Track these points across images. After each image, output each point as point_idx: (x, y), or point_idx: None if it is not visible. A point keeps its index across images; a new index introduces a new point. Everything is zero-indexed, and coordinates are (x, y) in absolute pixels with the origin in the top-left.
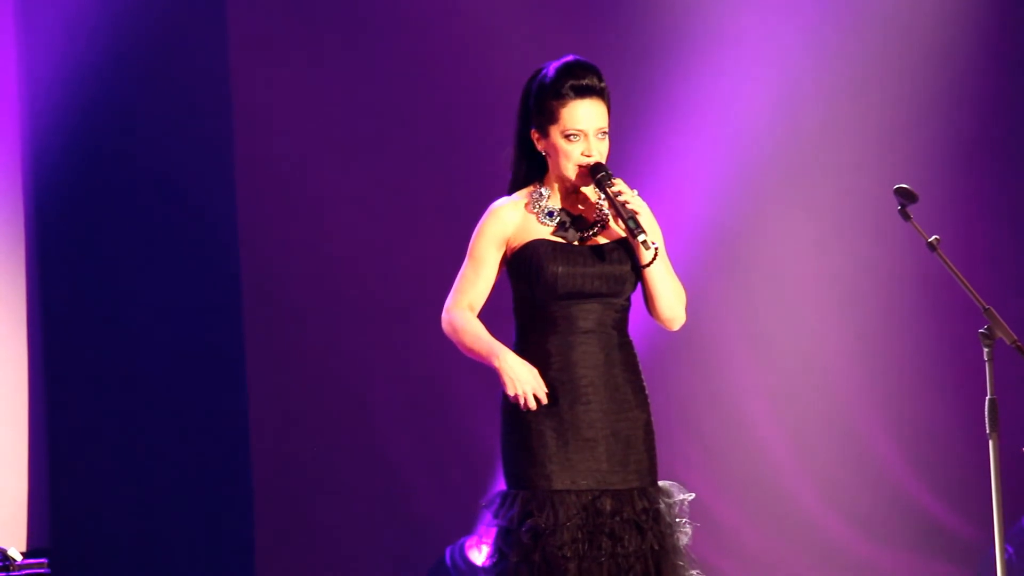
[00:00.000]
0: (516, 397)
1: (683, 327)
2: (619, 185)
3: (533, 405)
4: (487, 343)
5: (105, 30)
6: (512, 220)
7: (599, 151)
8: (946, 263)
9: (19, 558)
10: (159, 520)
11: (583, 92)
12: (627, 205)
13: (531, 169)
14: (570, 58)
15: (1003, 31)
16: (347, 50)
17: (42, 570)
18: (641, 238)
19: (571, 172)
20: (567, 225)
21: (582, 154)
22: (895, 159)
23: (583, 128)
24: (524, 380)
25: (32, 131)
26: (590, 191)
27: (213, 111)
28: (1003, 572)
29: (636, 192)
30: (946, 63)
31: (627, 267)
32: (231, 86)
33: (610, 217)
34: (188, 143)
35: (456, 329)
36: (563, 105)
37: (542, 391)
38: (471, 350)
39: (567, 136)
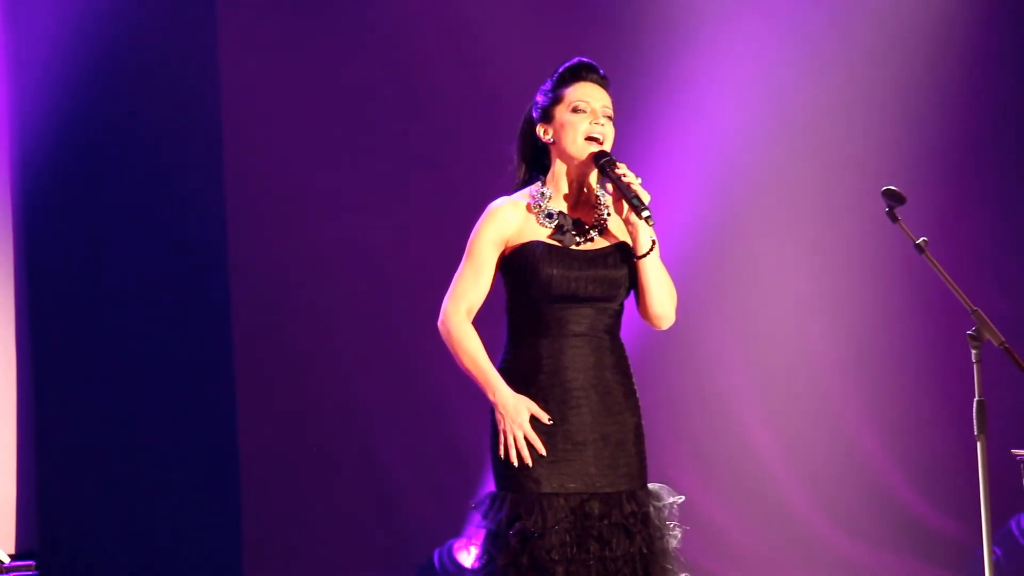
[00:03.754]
0: (505, 439)
1: (673, 327)
2: (623, 169)
3: (515, 460)
4: (484, 373)
5: (93, 29)
6: (512, 220)
7: (604, 133)
8: (934, 265)
9: (7, 560)
10: (147, 522)
11: (589, 77)
12: (631, 186)
13: (534, 169)
14: (576, 59)
15: (990, 32)
16: (338, 49)
17: (30, 572)
18: (645, 214)
19: (579, 147)
20: (565, 228)
21: (591, 123)
22: (883, 160)
23: (589, 101)
24: (515, 420)
25: (21, 128)
26: (594, 181)
27: (203, 109)
28: (991, 574)
29: (640, 180)
30: (934, 65)
31: (623, 272)
32: (221, 85)
33: (611, 211)
34: (177, 142)
35: (455, 343)
36: (568, 86)
37: (533, 437)
38: (467, 371)
39: (574, 109)
